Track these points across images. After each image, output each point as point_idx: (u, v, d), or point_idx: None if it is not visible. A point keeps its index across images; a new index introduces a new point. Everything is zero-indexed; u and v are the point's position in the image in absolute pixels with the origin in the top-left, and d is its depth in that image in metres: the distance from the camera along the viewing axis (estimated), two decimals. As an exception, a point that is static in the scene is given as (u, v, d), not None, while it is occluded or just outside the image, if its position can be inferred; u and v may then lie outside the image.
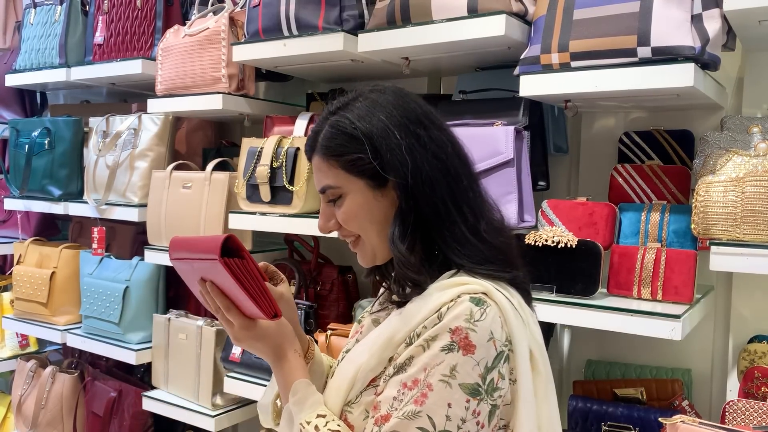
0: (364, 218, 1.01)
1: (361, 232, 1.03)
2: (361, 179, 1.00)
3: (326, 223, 1.07)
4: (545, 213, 1.61)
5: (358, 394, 0.97)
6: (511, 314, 0.93)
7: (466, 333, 0.88)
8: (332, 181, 1.02)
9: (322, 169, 1.03)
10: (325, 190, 1.04)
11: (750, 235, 1.33)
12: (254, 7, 1.93)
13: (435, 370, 0.88)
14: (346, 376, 0.99)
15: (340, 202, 1.02)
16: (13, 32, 3.07)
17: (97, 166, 2.44)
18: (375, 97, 1.04)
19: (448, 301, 0.91)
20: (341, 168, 1.00)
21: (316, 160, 1.04)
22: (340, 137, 1.00)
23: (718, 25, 1.36)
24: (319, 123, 1.06)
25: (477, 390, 0.88)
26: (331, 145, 1.01)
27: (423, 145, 0.98)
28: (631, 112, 1.80)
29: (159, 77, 2.25)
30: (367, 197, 1.01)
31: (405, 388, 0.89)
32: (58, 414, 2.60)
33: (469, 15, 1.55)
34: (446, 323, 0.89)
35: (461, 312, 0.89)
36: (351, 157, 0.99)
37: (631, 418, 1.54)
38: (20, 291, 2.65)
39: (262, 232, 2.05)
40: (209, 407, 2.14)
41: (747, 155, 1.42)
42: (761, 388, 1.46)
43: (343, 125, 1.01)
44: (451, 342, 0.88)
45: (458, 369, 0.87)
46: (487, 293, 0.93)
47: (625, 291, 1.50)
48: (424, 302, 0.94)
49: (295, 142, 1.88)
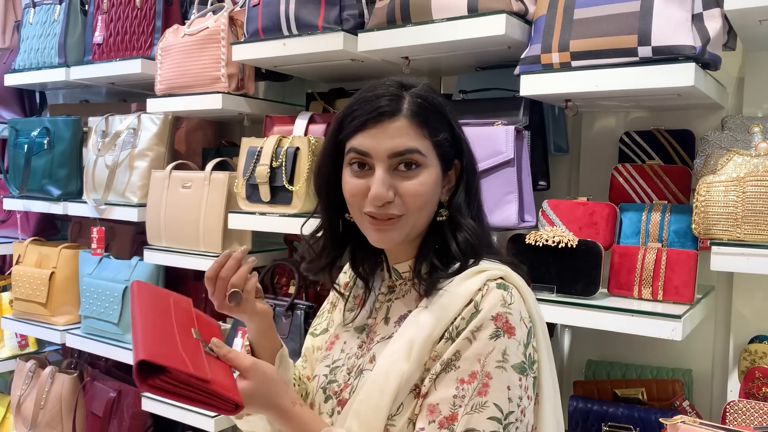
0: (430, 197, 0.99)
1: (417, 210, 0.98)
2: (440, 160, 1.00)
3: (387, 191, 0.96)
4: (545, 213, 1.60)
5: (400, 405, 0.94)
6: (526, 291, 0.98)
7: (506, 317, 0.92)
8: (422, 147, 0.97)
9: (410, 133, 0.96)
10: (408, 152, 0.96)
11: (751, 235, 1.33)
12: (254, 6, 1.93)
13: (489, 358, 0.90)
14: (388, 391, 0.93)
15: (416, 172, 0.97)
16: (12, 32, 3.06)
17: (97, 166, 2.44)
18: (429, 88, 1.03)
19: (477, 289, 0.94)
20: (431, 142, 0.98)
21: (400, 123, 0.96)
22: (434, 113, 0.98)
23: (719, 24, 1.36)
24: (390, 89, 0.98)
25: (524, 367, 0.92)
26: (428, 116, 0.97)
27: (467, 144, 1.04)
28: (631, 112, 1.80)
29: (158, 77, 2.24)
30: (437, 179, 1.00)
31: (464, 384, 0.90)
32: (58, 414, 2.59)
33: (469, 14, 1.54)
34: (486, 312, 0.91)
35: (496, 298, 0.92)
36: (441, 135, 0.99)
37: (631, 419, 1.54)
38: (19, 291, 2.65)
39: (261, 232, 2.05)
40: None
41: (748, 155, 1.42)
42: (762, 388, 1.46)
43: (437, 102, 0.99)
44: (496, 328, 0.91)
45: (508, 352, 0.90)
46: (504, 277, 0.97)
47: (626, 291, 1.49)
48: (452, 294, 0.95)
49: (294, 141, 1.88)
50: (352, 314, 1.13)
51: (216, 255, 2.08)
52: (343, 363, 1.08)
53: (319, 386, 1.09)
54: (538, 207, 1.62)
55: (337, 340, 1.13)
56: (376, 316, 1.09)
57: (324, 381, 1.09)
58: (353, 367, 1.05)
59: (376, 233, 1.00)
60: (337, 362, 1.09)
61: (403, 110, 0.97)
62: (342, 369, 1.07)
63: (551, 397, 0.98)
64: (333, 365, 1.09)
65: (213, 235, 2.09)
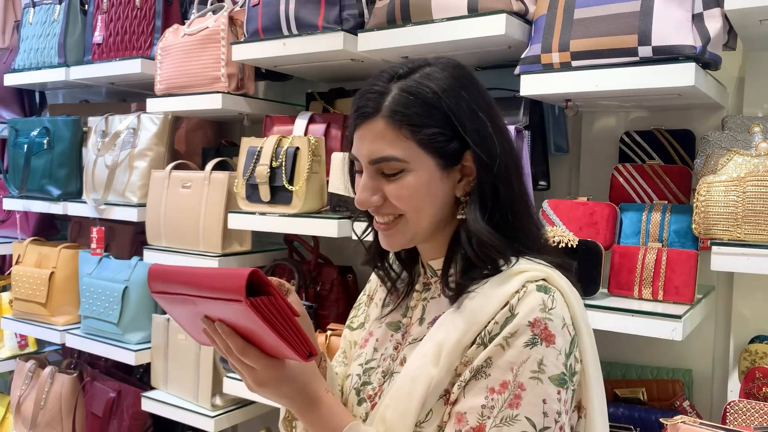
0: (424, 198, 0.91)
1: (414, 213, 0.92)
2: (432, 157, 0.90)
3: (370, 196, 0.92)
4: (546, 213, 1.60)
5: (429, 412, 0.88)
6: (572, 296, 0.90)
7: (545, 324, 0.84)
8: (399, 152, 0.89)
9: (386, 137, 0.90)
10: (384, 161, 0.90)
11: (751, 235, 1.33)
12: (254, 6, 1.93)
13: (523, 367, 0.83)
14: (415, 396, 0.88)
15: (400, 176, 0.91)
16: (12, 32, 3.06)
17: (96, 165, 2.44)
18: (451, 70, 0.92)
19: (514, 291, 0.87)
20: (414, 141, 0.89)
21: (377, 125, 0.90)
22: (420, 106, 0.89)
23: (719, 24, 1.36)
24: (380, 83, 0.92)
25: (564, 379, 0.84)
26: (408, 112, 0.88)
27: (500, 130, 0.93)
28: (631, 112, 1.80)
29: (158, 77, 2.24)
30: (434, 177, 0.91)
31: (494, 394, 0.83)
32: (57, 414, 2.59)
33: (470, 14, 1.54)
34: (523, 317, 0.84)
35: (534, 303, 0.85)
36: (430, 131, 0.89)
37: (631, 419, 1.54)
38: (19, 291, 2.65)
39: (261, 232, 2.05)
40: (209, 408, 2.14)
41: (748, 155, 1.41)
42: (762, 388, 1.46)
43: (425, 93, 0.89)
44: (533, 335, 0.84)
45: (545, 362, 0.83)
46: (547, 279, 0.89)
47: (626, 291, 1.49)
48: (487, 296, 0.88)
49: (294, 141, 1.88)
50: (387, 309, 1.07)
51: (216, 255, 2.08)
52: (378, 364, 1.02)
53: (353, 387, 1.04)
54: (538, 207, 1.62)
55: (370, 337, 1.08)
56: (411, 315, 1.03)
57: (357, 382, 1.03)
58: (388, 370, 1.00)
59: (382, 237, 0.98)
60: (371, 363, 1.04)
61: (382, 109, 0.90)
62: (377, 371, 1.02)
63: (601, 413, 0.92)
64: (367, 365, 1.04)
65: (213, 235, 2.09)
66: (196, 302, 0.86)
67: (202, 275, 0.84)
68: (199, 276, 0.85)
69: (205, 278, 0.84)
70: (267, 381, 0.89)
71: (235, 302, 0.79)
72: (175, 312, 0.94)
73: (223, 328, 0.87)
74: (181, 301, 0.88)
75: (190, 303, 0.87)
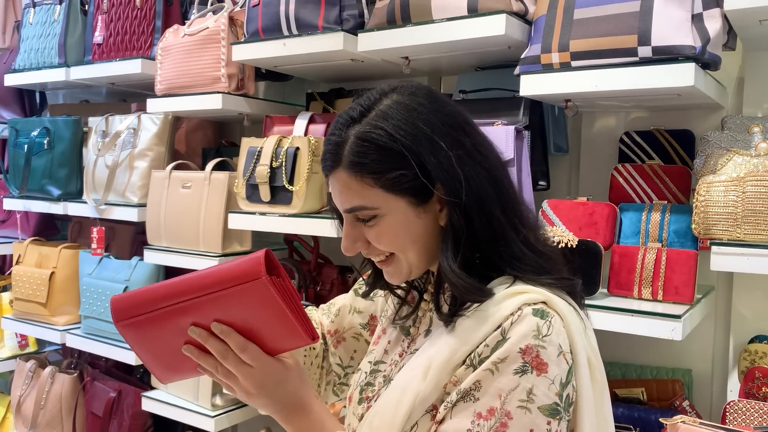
0: (404, 238, 0.90)
1: (400, 252, 0.92)
2: (402, 198, 0.88)
3: (353, 244, 0.93)
4: (545, 213, 1.60)
5: (414, 424, 0.86)
6: (572, 323, 0.86)
7: (537, 351, 0.81)
8: (367, 201, 0.89)
9: (352, 188, 0.88)
10: (355, 210, 0.90)
11: (751, 235, 1.33)
12: (254, 6, 1.93)
13: (511, 395, 0.80)
14: (402, 407, 0.86)
15: (374, 222, 0.90)
16: (12, 32, 3.06)
17: (97, 166, 2.44)
18: (406, 100, 0.89)
19: (509, 314, 0.84)
20: (379, 187, 0.87)
21: (341, 176, 0.89)
22: (376, 152, 0.86)
23: (719, 24, 1.36)
24: (337, 131, 0.90)
25: (556, 410, 0.81)
26: (365, 161, 0.87)
27: (470, 155, 0.88)
28: (631, 112, 1.80)
29: (158, 77, 2.24)
30: (408, 216, 0.89)
31: (480, 419, 0.81)
32: (58, 414, 2.59)
33: (469, 14, 1.54)
34: (514, 342, 0.81)
35: (528, 328, 0.82)
36: (392, 174, 0.86)
37: (631, 419, 1.54)
38: (19, 291, 2.65)
39: (261, 232, 2.05)
40: (209, 408, 2.14)
41: (748, 155, 1.42)
42: (762, 388, 1.46)
43: (378, 137, 0.86)
44: (524, 363, 0.81)
45: (535, 391, 0.80)
46: (547, 302, 0.86)
47: (626, 291, 1.49)
48: (481, 317, 0.85)
49: (294, 141, 1.88)
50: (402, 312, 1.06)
51: (216, 255, 2.08)
52: (384, 368, 1.02)
53: (359, 383, 1.03)
54: (538, 207, 1.62)
55: (383, 335, 1.07)
56: (419, 325, 1.02)
57: (363, 380, 1.03)
58: (388, 376, 0.99)
59: (385, 274, 0.98)
60: (379, 365, 1.03)
61: (342, 160, 0.88)
62: (381, 374, 1.01)
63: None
64: (374, 366, 1.03)
65: (213, 235, 2.09)
66: (187, 309, 0.85)
67: (206, 273, 0.85)
68: (200, 276, 0.85)
69: (210, 274, 0.84)
70: (264, 382, 0.89)
71: (250, 283, 0.81)
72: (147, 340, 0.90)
73: (221, 327, 0.86)
74: (161, 318, 0.85)
75: (174, 316, 0.85)
